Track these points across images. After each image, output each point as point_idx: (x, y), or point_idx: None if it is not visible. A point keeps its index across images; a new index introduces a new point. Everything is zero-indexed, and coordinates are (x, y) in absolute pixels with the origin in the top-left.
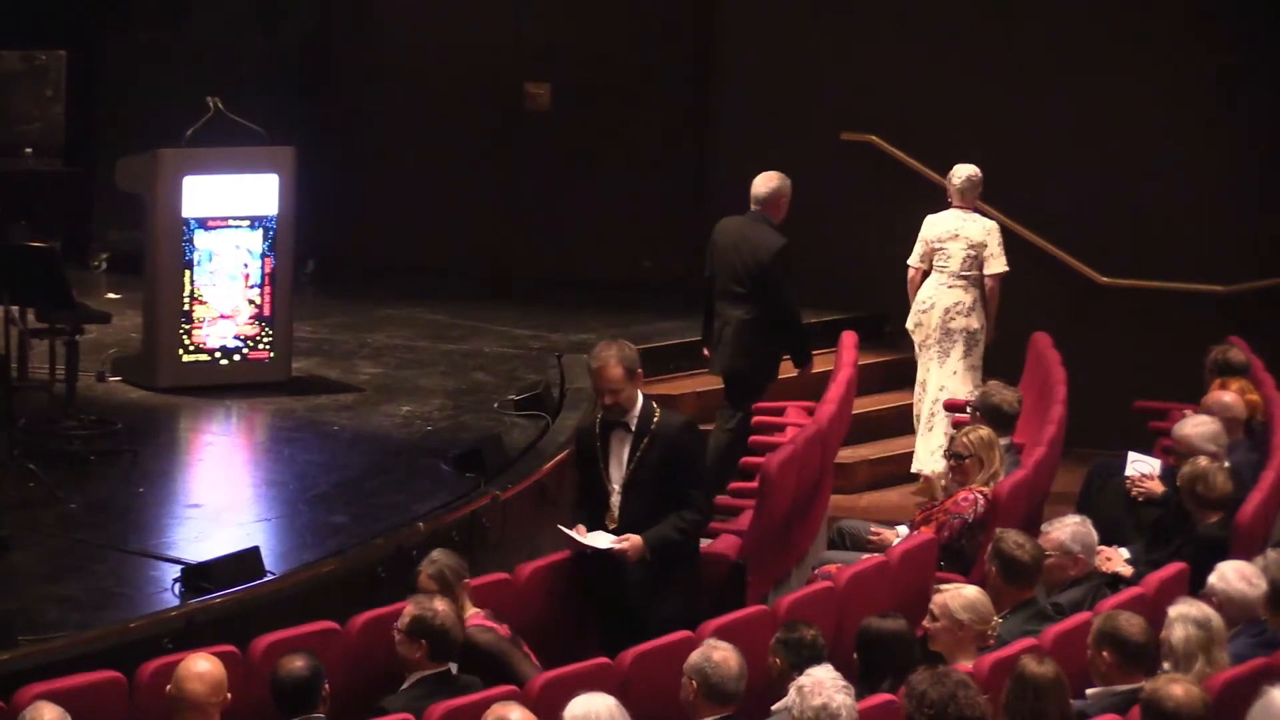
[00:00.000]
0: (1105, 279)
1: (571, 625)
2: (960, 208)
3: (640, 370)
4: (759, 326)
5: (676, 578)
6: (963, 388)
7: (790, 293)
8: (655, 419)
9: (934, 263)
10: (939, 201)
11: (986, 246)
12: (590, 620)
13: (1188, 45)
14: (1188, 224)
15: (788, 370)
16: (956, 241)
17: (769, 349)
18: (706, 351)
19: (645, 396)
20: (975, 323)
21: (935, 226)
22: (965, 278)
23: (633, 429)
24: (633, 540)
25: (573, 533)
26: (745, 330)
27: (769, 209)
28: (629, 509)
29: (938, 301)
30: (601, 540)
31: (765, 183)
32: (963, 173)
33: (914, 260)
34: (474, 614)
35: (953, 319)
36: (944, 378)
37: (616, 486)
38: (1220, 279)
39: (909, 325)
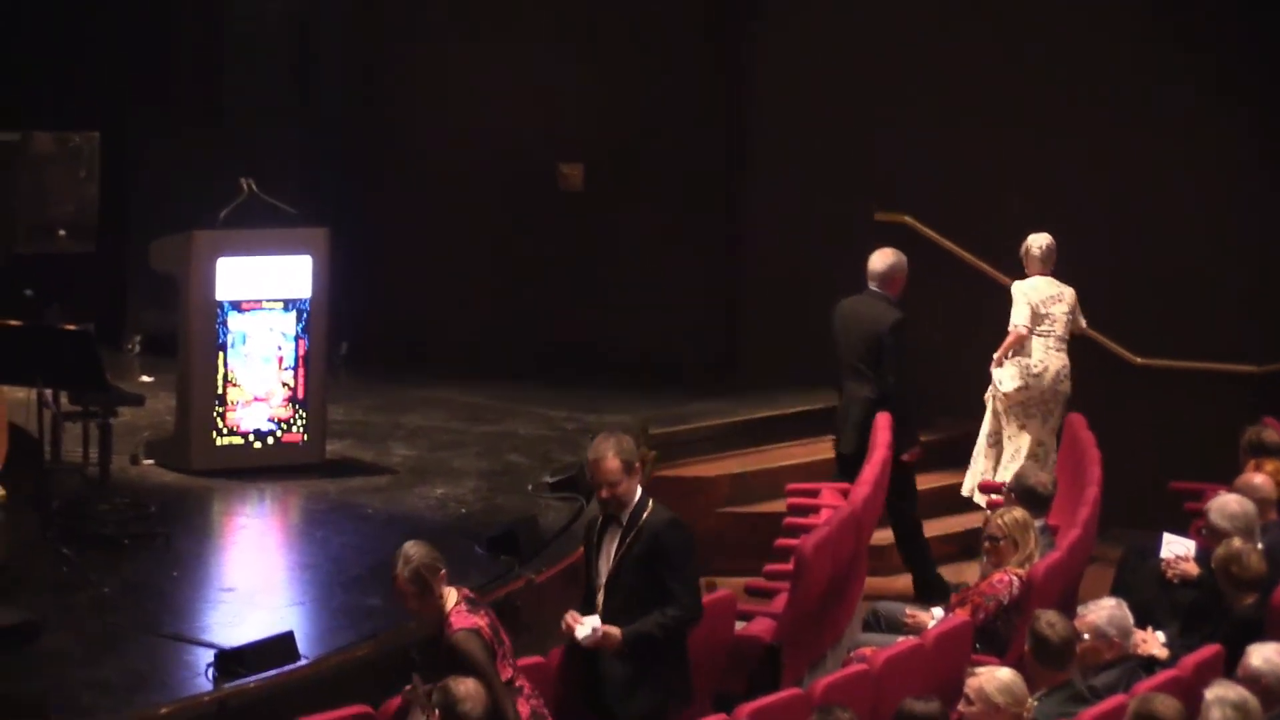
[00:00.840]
0: (1140, 359)
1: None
2: (1043, 274)
3: (639, 465)
4: (879, 404)
5: (653, 674)
6: (1055, 444)
7: (900, 369)
8: (646, 514)
9: (1037, 327)
10: (974, 281)
11: (1078, 308)
12: None
13: (1221, 123)
14: (1222, 304)
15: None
16: (1060, 304)
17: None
18: (834, 436)
19: (643, 491)
20: (1070, 385)
21: (1038, 291)
22: (1066, 341)
23: (624, 523)
24: (609, 632)
25: (567, 619)
26: (870, 408)
27: (886, 285)
28: (612, 604)
29: (1050, 365)
30: (581, 631)
31: (881, 259)
32: (1042, 240)
33: (1025, 320)
34: (456, 606)
35: (1062, 382)
36: (1044, 435)
37: (602, 581)
38: (1255, 359)
39: (1009, 387)
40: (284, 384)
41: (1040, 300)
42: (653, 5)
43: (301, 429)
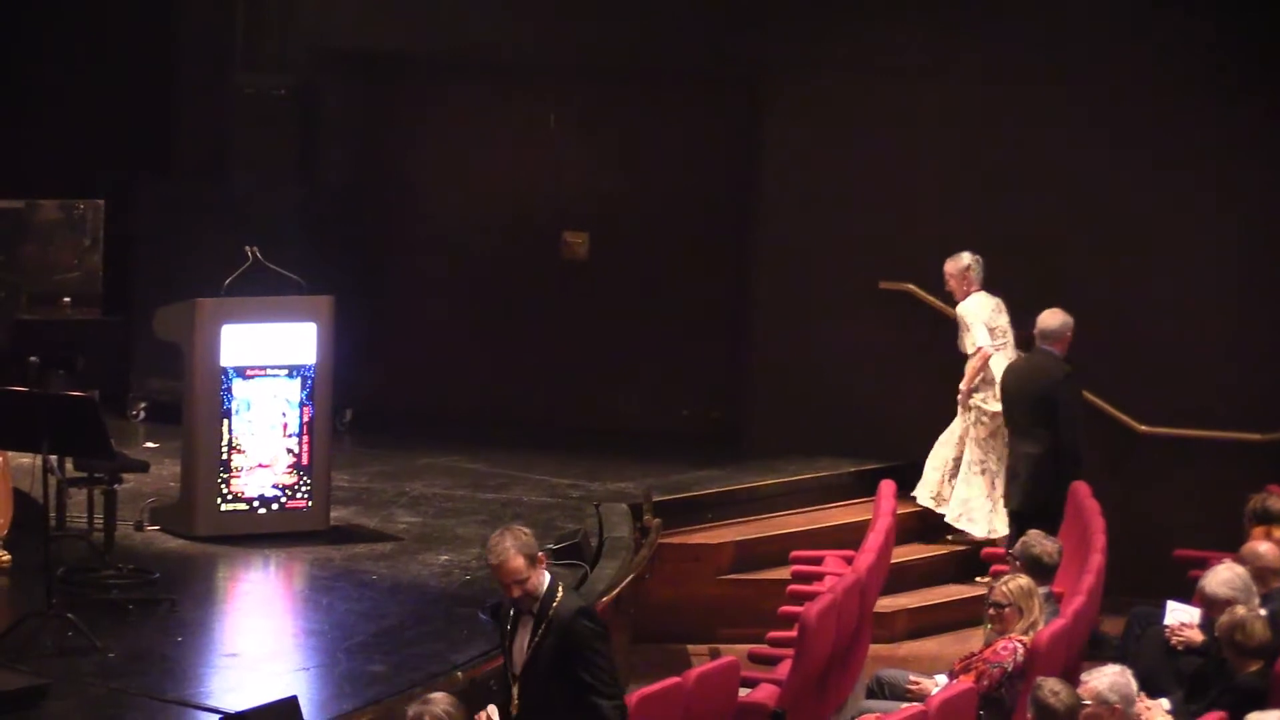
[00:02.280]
0: (1144, 427)
1: None
2: (980, 290)
3: (541, 554)
4: (1049, 459)
5: None
6: None
7: (1072, 422)
8: (555, 604)
9: (994, 342)
10: None
11: None
12: None
13: (1228, 191)
14: (1226, 372)
15: None
16: (1003, 315)
17: (1060, 480)
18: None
19: (551, 577)
20: None
21: (984, 308)
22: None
23: (535, 613)
24: None
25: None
26: (1036, 464)
27: (1055, 343)
28: (527, 698)
29: None
30: None
31: (1052, 317)
32: (971, 256)
33: (988, 341)
34: None
35: None
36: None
37: (517, 672)
38: (1259, 427)
39: (994, 407)
40: (288, 450)
41: (988, 316)
42: (660, 80)
43: (306, 495)
